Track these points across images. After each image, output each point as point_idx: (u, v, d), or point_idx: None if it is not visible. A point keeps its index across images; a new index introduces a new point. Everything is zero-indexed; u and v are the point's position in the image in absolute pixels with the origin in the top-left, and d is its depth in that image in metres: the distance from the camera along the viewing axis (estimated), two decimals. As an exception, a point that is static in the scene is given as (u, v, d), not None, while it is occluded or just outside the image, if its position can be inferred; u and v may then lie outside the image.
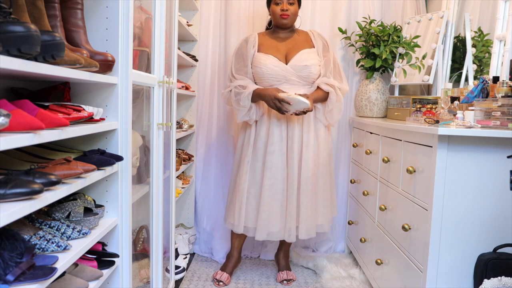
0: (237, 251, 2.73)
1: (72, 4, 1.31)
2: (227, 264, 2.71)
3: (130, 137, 1.47)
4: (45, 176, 1.02)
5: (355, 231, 2.90)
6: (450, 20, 2.75)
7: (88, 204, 1.38)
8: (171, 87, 2.10)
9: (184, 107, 3.10)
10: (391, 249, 2.11)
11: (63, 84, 1.37)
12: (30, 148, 1.33)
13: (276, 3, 2.50)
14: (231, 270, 2.70)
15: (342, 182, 3.13)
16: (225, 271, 2.66)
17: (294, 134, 2.45)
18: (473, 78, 2.54)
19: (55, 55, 0.99)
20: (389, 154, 2.21)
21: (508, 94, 1.74)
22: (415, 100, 2.49)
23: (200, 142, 3.14)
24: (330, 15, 3.05)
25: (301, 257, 2.97)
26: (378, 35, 2.84)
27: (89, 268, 1.31)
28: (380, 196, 2.34)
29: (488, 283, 1.54)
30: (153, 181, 1.85)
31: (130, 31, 1.44)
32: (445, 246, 1.69)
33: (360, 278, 2.64)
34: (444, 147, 1.66)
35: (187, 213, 3.13)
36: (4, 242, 0.96)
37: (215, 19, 3.08)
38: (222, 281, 2.60)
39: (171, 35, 2.12)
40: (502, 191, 1.67)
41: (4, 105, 0.96)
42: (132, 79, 1.47)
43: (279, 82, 2.47)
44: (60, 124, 1.04)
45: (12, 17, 0.91)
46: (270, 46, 2.53)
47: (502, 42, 2.30)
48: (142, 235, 1.88)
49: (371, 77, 2.89)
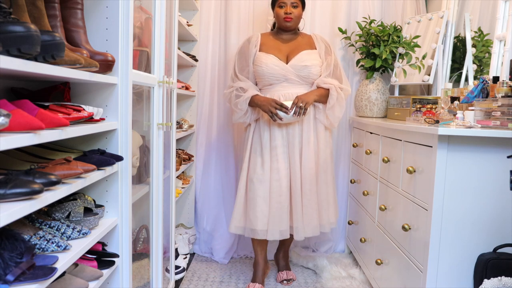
0: (262, 257, 2.59)
1: (72, 4, 1.31)
2: (256, 274, 2.59)
3: (130, 137, 1.47)
4: (45, 176, 1.02)
5: (355, 231, 2.90)
6: (450, 20, 2.75)
7: (88, 204, 1.38)
8: (171, 87, 2.10)
9: (184, 107, 3.10)
10: (391, 249, 2.11)
11: (63, 84, 1.37)
12: (30, 148, 1.33)
13: (280, 6, 2.50)
14: (261, 279, 2.58)
15: (342, 182, 3.13)
16: (257, 282, 2.55)
17: (294, 134, 2.46)
18: (473, 78, 2.54)
19: (55, 55, 0.99)
20: (389, 154, 2.21)
21: (508, 94, 1.74)
22: (415, 100, 2.49)
23: (200, 142, 3.14)
24: (330, 15, 3.05)
25: (301, 257, 2.97)
26: (378, 35, 2.84)
27: (89, 268, 1.31)
28: (380, 196, 2.34)
29: (488, 283, 1.54)
30: (153, 181, 1.85)
31: (130, 31, 1.44)
32: (445, 246, 1.69)
33: (360, 278, 2.64)
34: (444, 147, 1.66)
35: (187, 213, 3.13)
36: (4, 242, 0.96)
37: (215, 19, 3.08)
38: None
39: (171, 35, 2.12)
40: (502, 191, 1.67)
41: (4, 105, 0.96)
42: (132, 79, 1.47)
43: (279, 81, 2.49)
44: (60, 124, 1.04)
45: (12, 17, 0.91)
46: (272, 46, 2.55)
47: (502, 42, 2.30)
48: (142, 235, 1.88)
49: (371, 77, 2.89)
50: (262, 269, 2.60)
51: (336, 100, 2.45)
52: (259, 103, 2.40)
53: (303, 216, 2.46)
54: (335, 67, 2.54)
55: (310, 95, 2.40)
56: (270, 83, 2.50)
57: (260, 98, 2.41)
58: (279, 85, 2.49)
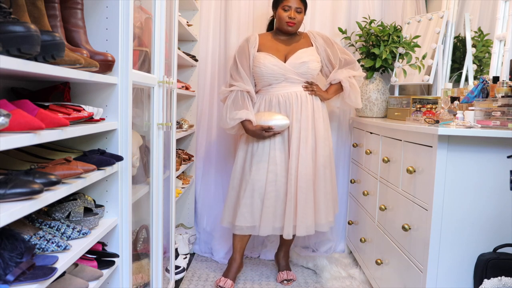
0: (239, 254, 2.62)
1: (72, 4, 1.31)
2: (230, 269, 2.61)
3: (130, 137, 1.47)
4: (45, 176, 1.02)
5: (355, 231, 2.90)
6: (450, 20, 2.75)
7: (88, 204, 1.38)
8: (171, 87, 2.10)
9: (184, 107, 3.10)
10: (391, 249, 2.11)
11: (63, 84, 1.37)
12: (30, 148, 1.33)
13: (284, 8, 2.50)
14: (234, 275, 2.60)
15: (342, 182, 3.13)
16: (228, 277, 2.57)
17: (292, 132, 2.47)
18: (473, 78, 2.54)
19: (55, 55, 0.99)
20: (389, 154, 2.21)
21: (508, 94, 1.74)
22: (415, 100, 2.49)
23: (200, 142, 3.14)
24: (330, 15, 3.05)
25: (301, 257, 2.97)
26: (378, 35, 2.84)
27: (89, 268, 1.31)
28: (380, 196, 2.34)
29: (488, 283, 1.54)
30: (153, 181, 1.85)
31: (130, 31, 1.44)
32: (445, 246, 1.69)
33: (360, 278, 2.64)
34: (444, 147, 1.66)
35: (187, 213, 3.13)
36: (4, 242, 0.96)
37: (215, 19, 3.08)
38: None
39: (171, 35, 2.12)
40: (502, 191, 1.67)
41: (4, 105, 0.96)
42: (132, 79, 1.47)
43: (278, 81, 2.50)
44: (60, 124, 1.04)
45: (12, 17, 0.91)
46: (270, 47, 2.55)
47: (502, 42, 2.30)
48: (142, 235, 1.88)
49: (371, 77, 2.89)
50: (237, 266, 2.63)
51: (350, 89, 2.59)
52: (249, 133, 2.49)
53: (297, 215, 2.46)
54: (343, 54, 2.62)
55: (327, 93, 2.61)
56: (269, 83, 2.52)
57: (249, 129, 2.47)
58: (278, 85, 2.51)
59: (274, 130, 2.44)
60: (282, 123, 2.44)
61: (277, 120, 2.43)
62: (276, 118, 2.44)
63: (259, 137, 2.47)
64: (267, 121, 2.43)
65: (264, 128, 2.43)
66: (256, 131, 2.44)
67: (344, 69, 2.58)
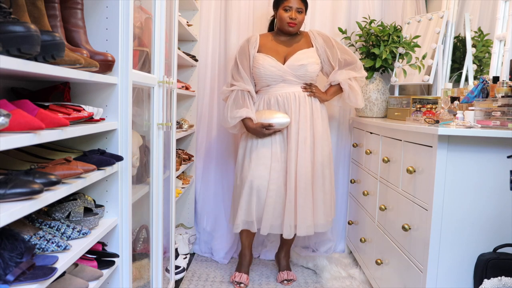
0: (249, 249, 2.71)
1: (72, 4, 1.31)
2: (242, 263, 2.70)
3: (130, 137, 1.47)
4: (45, 176, 1.02)
5: (355, 231, 2.90)
6: (450, 20, 2.75)
7: (88, 204, 1.38)
8: (171, 87, 2.10)
9: (184, 107, 3.10)
10: (391, 249, 2.11)
11: (63, 84, 1.37)
12: (30, 148, 1.33)
13: (285, 9, 2.51)
14: (246, 269, 2.69)
15: (342, 182, 3.13)
16: (242, 272, 2.65)
17: (291, 132, 2.48)
18: (473, 78, 2.54)
19: (55, 55, 0.99)
20: (389, 154, 2.21)
21: (508, 94, 1.74)
22: (415, 100, 2.49)
23: (200, 142, 3.14)
24: (330, 15, 3.05)
25: (301, 257, 2.97)
26: (378, 35, 2.84)
27: (89, 268, 1.31)
28: (380, 196, 2.34)
29: (488, 283, 1.54)
30: (153, 181, 1.85)
31: (130, 31, 1.44)
32: (445, 246, 1.69)
33: (360, 278, 2.64)
34: (444, 147, 1.66)
35: (187, 213, 3.13)
36: (4, 242, 0.96)
37: (215, 19, 3.08)
38: (242, 282, 2.59)
39: (171, 35, 2.12)
40: (502, 191, 1.67)
41: (4, 105, 0.96)
42: (132, 79, 1.47)
43: (276, 82, 2.52)
44: (60, 124, 1.04)
45: (12, 17, 0.91)
46: (270, 47, 2.56)
47: (502, 42, 2.30)
48: (142, 235, 1.88)
49: (371, 77, 2.89)
50: (249, 260, 2.70)
51: (350, 91, 2.58)
52: (250, 131, 2.51)
53: (297, 215, 2.47)
54: (343, 54, 2.59)
55: (325, 94, 2.61)
56: (268, 84, 2.54)
57: (250, 127, 2.49)
58: (277, 85, 2.53)
59: (275, 128, 2.45)
60: (283, 121, 2.45)
61: (278, 118, 2.45)
62: (277, 116, 2.45)
63: (259, 135, 2.49)
64: (268, 119, 2.45)
65: (264, 125, 2.44)
66: (257, 128, 2.46)
67: (344, 70, 2.58)
